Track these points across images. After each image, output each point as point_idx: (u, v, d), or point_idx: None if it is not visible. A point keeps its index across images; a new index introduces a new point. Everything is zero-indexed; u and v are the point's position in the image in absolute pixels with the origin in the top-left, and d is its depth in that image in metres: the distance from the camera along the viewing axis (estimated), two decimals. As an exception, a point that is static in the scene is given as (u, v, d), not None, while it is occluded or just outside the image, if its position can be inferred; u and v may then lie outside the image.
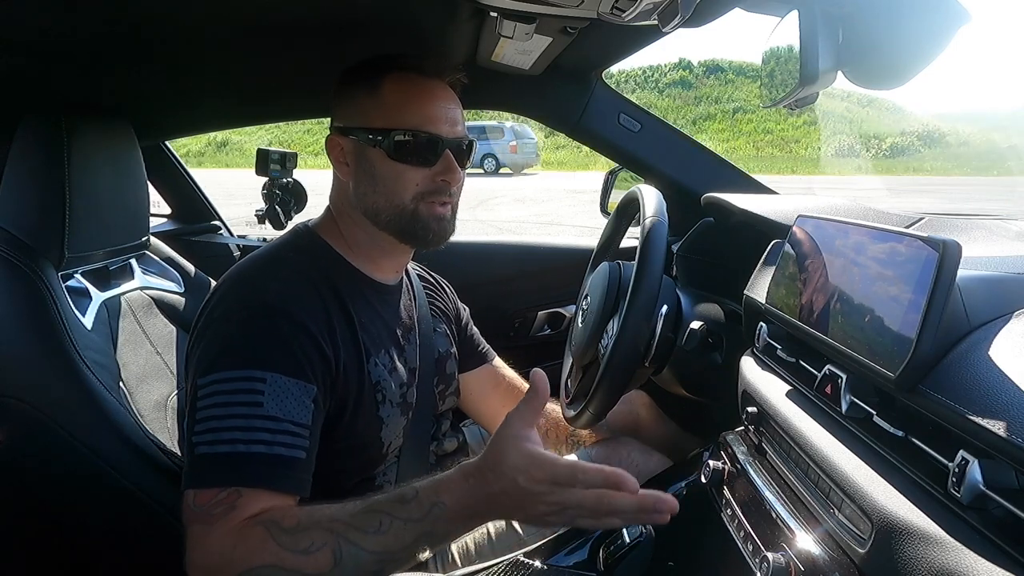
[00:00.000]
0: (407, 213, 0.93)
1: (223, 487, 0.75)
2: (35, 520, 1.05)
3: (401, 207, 0.92)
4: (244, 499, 0.75)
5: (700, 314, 1.14)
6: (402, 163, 0.91)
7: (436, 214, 0.94)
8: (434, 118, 0.92)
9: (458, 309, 1.23)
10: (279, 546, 0.70)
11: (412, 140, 0.90)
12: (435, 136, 0.91)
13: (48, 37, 1.00)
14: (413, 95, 0.92)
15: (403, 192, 0.92)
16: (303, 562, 0.70)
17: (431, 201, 0.93)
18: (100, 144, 1.19)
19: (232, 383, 0.79)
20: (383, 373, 0.94)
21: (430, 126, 0.91)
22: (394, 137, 0.90)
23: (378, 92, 0.92)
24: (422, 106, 0.92)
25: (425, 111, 0.91)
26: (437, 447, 1.10)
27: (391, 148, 0.90)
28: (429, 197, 0.93)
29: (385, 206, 0.93)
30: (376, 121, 0.92)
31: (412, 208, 0.93)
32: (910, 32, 0.69)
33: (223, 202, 2.21)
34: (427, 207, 0.93)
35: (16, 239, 1.07)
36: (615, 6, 0.82)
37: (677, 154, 1.62)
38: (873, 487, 0.58)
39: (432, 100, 0.93)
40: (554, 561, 0.87)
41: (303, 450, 0.80)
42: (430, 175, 0.92)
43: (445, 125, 0.92)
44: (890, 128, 29.28)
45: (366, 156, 0.93)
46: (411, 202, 0.92)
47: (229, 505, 0.74)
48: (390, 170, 0.91)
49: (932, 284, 0.56)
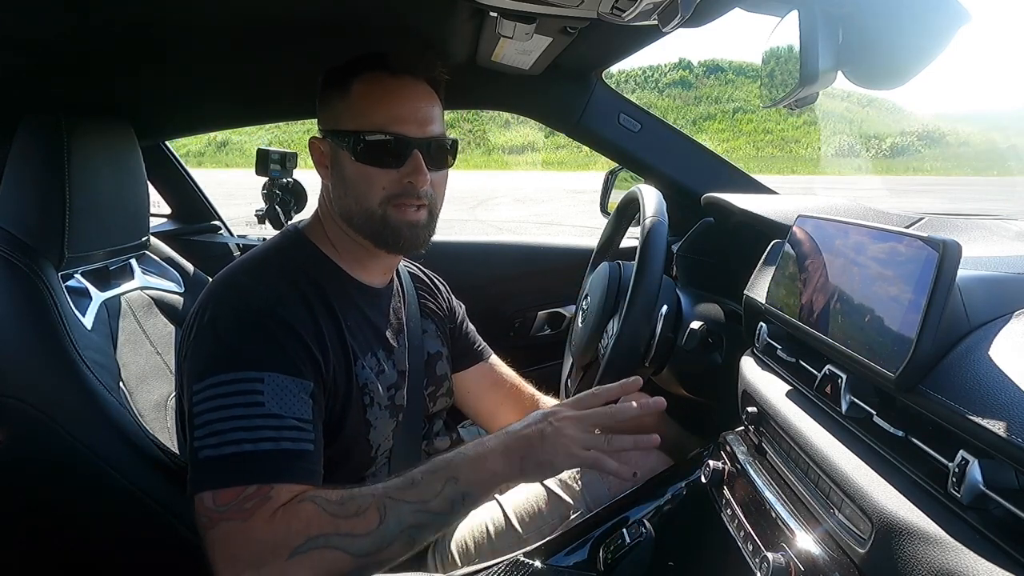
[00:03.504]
0: (376, 217, 0.91)
1: (246, 484, 0.76)
2: (35, 520, 1.05)
3: (370, 211, 0.91)
4: (276, 491, 0.76)
5: (700, 314, 1.14)
6: (368, 165, 0.89)
7: (408, 219, 0.91)
8: (400, 118, 0.89)
9: (452, 307, 1.22)
10: (331, 515, 0.75)
11: (377, 141, 0.89)
12: (401, 136, 0.89)
13: (48, 37, 1.00)
14: (379, 95, 0.90)
15: (370, 195, 0.90)
16: (354, 523, 0.75)
17: (400, 204, 0.91)
18: (100, 144, 1.19)
19: (229, 385, 0.79)
20: (370, 376, 0.94)
21: (396, 126, 0.89)
22: (360, 138, 0.89)
23: (348, 93, 0.92)
24: (388, 106, 0.89)
25: (391, 111, 0.89)
26: (428, 446, 1.10)
27: (356, 150, 0.89)
28: (397, 200, 0.91)
29: (356, 209, 0.92)
30: (346, 123, 0.91)
31: (381, 212, 0.91)
32: (910, 32, 0.69)
33: (223, 202, 2.21)
34: (396, 211, 0.91)
35: (16, 239, 1.07)
36: (615, 6, 0.82)
37: (677, 154, 1.62)
38: (873, 487, 0.58)
39: (399, 99, 0.90)
40: (554, 561, 0.87)
41: (310, 443, 0.81)
42: (398, 177, 0.90)
43: (413, 125, 0.90)
44: (890, 128, 29.27)
45: (338, 159, 0.92)
46: (379, 206, 0.91)
47: (263, 497, 0.75)
48: (357, 172, 0.90)
49: (932, 284, 0.56)
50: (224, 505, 0.75)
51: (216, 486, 0.76)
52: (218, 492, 0.76)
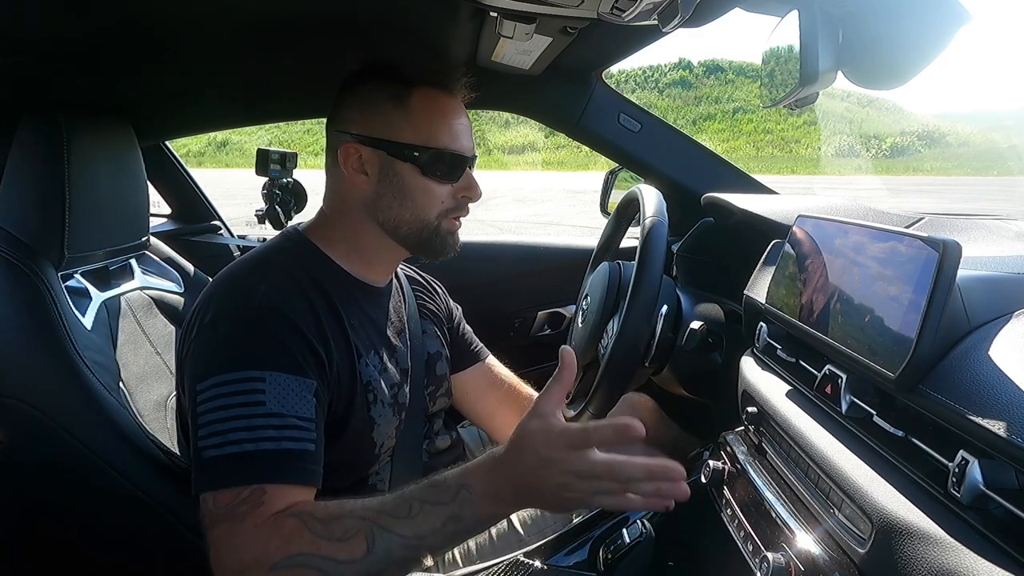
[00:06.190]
0: (430, 228, 0.95)
1: (242, 486, 0.75)
2: (35, 520, 1.05)
3: (426, 222, 0.95)
4: (269, 495, 0.75)
5: (700, 314, 1.14)
6: (432, 180, 0.93)
7: (454, 229, 0.98)
8: (459, 136, 0.94)
9: (450, 309, 1.22)
10: (314, 534, 0.72)
11: (441, 157, 0.93)
12: (459, 154, 0.94)
13: (48, 37, 1.00)
14: (441, 113, 0.94)
15: (431, 208, 0.94)
16: (337, 548, 0.71)
17: (453, 218, 0.96)
18: (100, 144, 1.19)
19: (231, 385, 0.79)
20: (374, 374, 0.94)
21: (456, 144, 0.93)
22: (426, 152, 0.92)
23: (406, 106, 0.92)
24: (450, 125, 0.94)
25: (453, 129, 0.94)
26: (429, 445, 1.10)
27: (424, 164, 0.92)
28: (452, 213, 0.96)
29: (410, 219, 0.95)
30: (406, 135, 0.92)
31: (436, 224, 0.95)
32: (910, 32, 0.69)
33: (223, 202, 2.21)
34: (448, 223, 0.96)
35: (16, 239, 1.07)
36: (615, 6, 0.82)
37: (677, 154, 1.62)
38: (873, 487, 0.58)
39: (457, 118, 0.95)
40: (554, 561, 0.87)
41: (311, 443, 0.80)
42: (453, 192, 0.95)
43: (467, 143, 0.95)
44: (890, 128, 29.30)
45: (394, 169, 0.93)
46: (436, 218, 0.95)
47: (256, 502, 0.75)
48: (421, 185, 0.93)
49: (932, 284, 0.56)
50: (222, 507, 0.75)
51: (216, 487, 0.76)
52: (218, 493, 0.76)
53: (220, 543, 0.74)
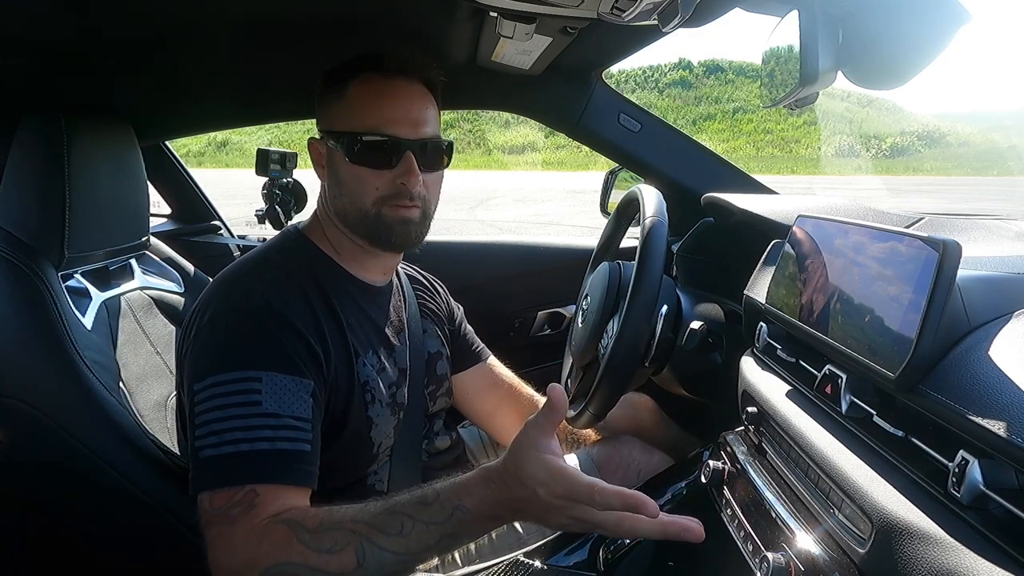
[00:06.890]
0: (370, 217, 0.92)
1: (237, 487, 0.75)
2: (35, 520, 1.05)
3: (364, 210, 0.92)
4: (262, 497, 0.75)
5: (700, 314, 1.14)
6: (362, 166, 0.90)
7: (400, 217, 0.92)
8: (393, 119, 0.90)
9: (451, 309, 1.23)
10: (303, 545, 0.71)
11: (370, 142, 0.90)
12: (394, 137, 0.90)
13: (48, 37, 1.00)
14: (373, 96, 0.91)
15: (364, 195, 0.91)
16: (326, 560, 0.70)
17: (394, 204, 0.92)
18: (100, 144, 1.19)
19: (228, 385, 0.80)
20: (371, 373, 0.94)
21: (389, 128, 0.90)
22: (354, 139, 0.90)
23: (344, 95, 0.93)
24: (381, 107, 0.90)
25: (384, 112, 0.90)
26: (429, 445, 1.10)
27: (350, 151, 0.90)
28: (390, 201, 0.92)
29: (350, 209, 0.93)
30: (341, 124, 0.92)
31: (375, 212, 0.92)
32: (910, 32, 0.68)
33: (223, 202, 2.21)
34: (390, 210, 0.92)
35: (16, 239, 1.07)
36: (615, 6, 0.82)
37: (677, 154, 1.62)
38: (873, 487, 0.58)
39: (392, 101, 0.91)
40: (554, 561, 0.87)
41: (307, 443, 0.80)
42: (391, 177, 0.91)
43: (406, 126, 0.91)
44: (890, 128, 29.30)
45: (333, 160, 0.94)
46: (372, 206, 0.92)
47: (248, 504, 0.75)
48: (351, 173, 0.91)
49: (932, 284, 0.56)
50: (217, 508, 0.75)
51: (212, 487, 0.76)
52: (214, 494, 0.76)
53: (215, 544, 0.74)
